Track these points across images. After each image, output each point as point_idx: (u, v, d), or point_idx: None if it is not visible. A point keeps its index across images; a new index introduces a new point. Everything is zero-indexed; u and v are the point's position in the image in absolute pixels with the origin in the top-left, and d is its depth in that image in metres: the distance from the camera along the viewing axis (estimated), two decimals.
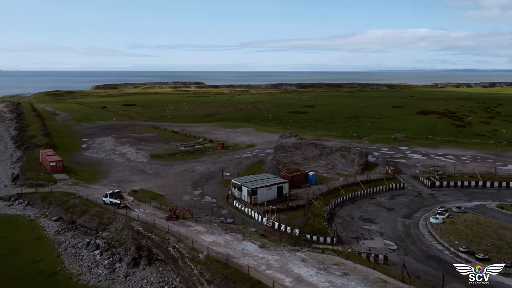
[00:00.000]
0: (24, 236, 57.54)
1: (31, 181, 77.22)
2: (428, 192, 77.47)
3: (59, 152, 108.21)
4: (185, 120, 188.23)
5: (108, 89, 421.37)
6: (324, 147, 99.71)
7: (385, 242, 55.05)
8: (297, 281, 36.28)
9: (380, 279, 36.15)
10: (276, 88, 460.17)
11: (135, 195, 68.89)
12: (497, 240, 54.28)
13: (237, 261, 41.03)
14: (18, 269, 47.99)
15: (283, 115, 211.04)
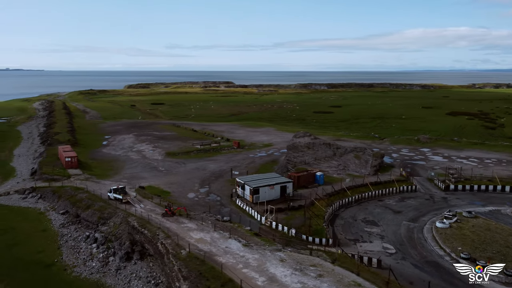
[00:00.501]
0: (31, 228, 59.80)
1: (46, 175, 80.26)
2: (441, 195, 74.52)
3: (80, 149, 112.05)
4: (208, 119, 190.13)
5: (140, 88, 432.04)
6: (338, 147, 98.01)
7: (383, 246, 53.37)
8: (269, 280, 35.76)
9: (354, 283, 34.97)
10: (306, 88, 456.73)
11: (141, 191, 70.11)
12: (504, 248, 51.43)
13: (217, 258, 40.97)
14: (18, 259, 49.91)
15: (307, 115, 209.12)
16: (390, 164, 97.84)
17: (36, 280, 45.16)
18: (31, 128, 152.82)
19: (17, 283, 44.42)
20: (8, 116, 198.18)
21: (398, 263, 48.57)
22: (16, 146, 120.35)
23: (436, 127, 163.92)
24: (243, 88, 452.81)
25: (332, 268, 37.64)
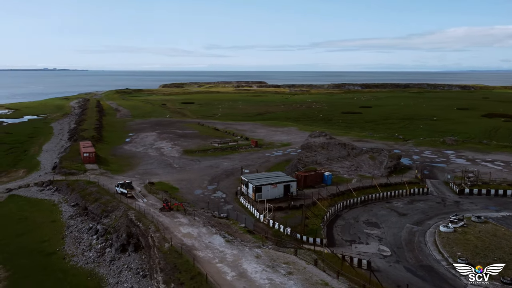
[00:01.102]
0: (42, 218, 62.95)
1: (65, 169, 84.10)
2: (454, 199, 71.73)
3: (103, 145, 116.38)
4: (234, 118, 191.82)
5: (174, 88, 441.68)
6: (353, 147, 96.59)
7: (380, 248, 52.15)
8: (239, 276, 35.92)
9: (322, 281, 34.42)
10: (339, 88, 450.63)
11: (150, 187, 72.03)
12: (508, 255, 48.98)
13: (196, 252, 41.59)
14: (23, 247, 52.76)
15: (334, 115, 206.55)
16: (408, 166, 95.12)
17: (34, 267, 47.58)
18: (63, 125, 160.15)
19: (16, 269, 46.94)
20: (46, 113, 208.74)
21: (391, 266, 47.37)
22: (46, 142, 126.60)
23: (467, 129, 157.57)
24: (275, 88, 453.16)
25: (305, 266, 37.26)
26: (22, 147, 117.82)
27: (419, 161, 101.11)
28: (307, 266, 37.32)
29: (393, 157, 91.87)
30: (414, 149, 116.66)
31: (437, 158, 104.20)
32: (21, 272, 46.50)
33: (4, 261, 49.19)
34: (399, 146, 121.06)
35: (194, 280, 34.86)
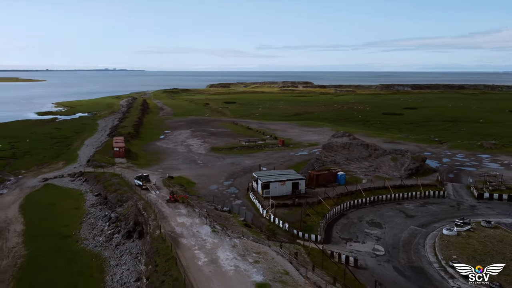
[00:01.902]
0: (68, 205, 68.92)
1: (95, 162, 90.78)
2: (471, 203, 69.37)
3: (138, 141, 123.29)
4: (270, 118, 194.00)
5: (220, 88, 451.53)
6: (376, 148, 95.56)
7: (374, 247, 52.23)
8: (209, 261, 38.16)
9: (284, 271, 35.65)
10: (387, 89, 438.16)
11: (166, 180, 76.18)
12: (508, 260, 47.25)
13: (180, 239, 44.40)
14: (45, 230, 58.42)
15: (374, 116, 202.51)
16: (433, 168, 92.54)
17: (50, 247, 52.79)
18: (107, 122, 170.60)
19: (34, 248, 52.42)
20: (96, 111, 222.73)
21: (380, 265, 47.52)
22: (89, 137, 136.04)
23: None
24: (321, 88, 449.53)
25: (273, 257, 38.73)
26: (66, 142, 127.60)
27: (448, 164, 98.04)
28: (276, 257, 38.86)
29: (416, 159, 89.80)
30: (447, 152, 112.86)
31: (469, 162, 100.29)
32: (38, 251, 51.80)
33: (26, 241, 54.99)
34: (432, 148, 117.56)
35: (167, 262, 37.71)
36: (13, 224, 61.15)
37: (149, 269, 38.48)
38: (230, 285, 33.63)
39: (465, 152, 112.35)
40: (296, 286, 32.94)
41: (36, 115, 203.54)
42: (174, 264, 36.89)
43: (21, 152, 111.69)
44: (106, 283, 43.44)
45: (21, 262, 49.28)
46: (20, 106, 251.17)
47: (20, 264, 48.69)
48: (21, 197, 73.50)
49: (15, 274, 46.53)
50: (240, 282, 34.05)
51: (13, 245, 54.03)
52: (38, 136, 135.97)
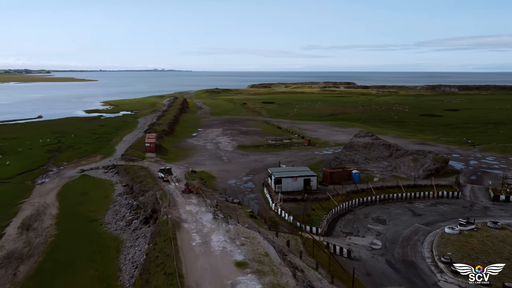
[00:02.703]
0: (98, 194, 75.81)
1: (128, 156, 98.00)
2: (485, 205, 68.95)
3: (171, 138, 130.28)
4: (304, 118, 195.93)
5: (261, 88, 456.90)
6: (397, 149, 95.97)
7: (373, 241, 54.15)
8: (202, 242, 42.19)
9: (265, 253, 38.85)
10: (433, 89, 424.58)
11: (188, 174, 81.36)
12: (504, 259, 47.71)
13: (183, 224, 48.81)
14: (76, 214, 65.17)
15: (410, 118, 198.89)
16: (457, 170, 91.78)
17: (77, 229, 59.21)
18: (147, 120, 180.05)
19: (63, 229, 59.07)
20: (138, 109, 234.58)
21: (373, 257, 49.58)
22: (128, 133, 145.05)
23: None
24: (363, 89, 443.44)
25: (259, 241, 42.04)
26: (107, 138, 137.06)
27: (474, 166, 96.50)
28: (262, 241, 42.15)
29: (438, 160, 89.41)
30: (477, 154, 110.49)
31: (497, 165, 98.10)
32: (67, 232, 58.35)
33: (58, 223, 61.87)
34: (462, 150, 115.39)
35: (165, 242, 42.20)
36: (50, 208, 68.53)
37: (150, 247, 43.31)
38: (213, 263, 37.59)
39: (497, 155, 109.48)
40: (271, 266, 36.30)
41: (84, 113, 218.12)
42: (169, 243, 41.39)
43: (65, 146, 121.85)
44: (119, 261, 48.74)
45: (51, 240, 55.91)
46: (71, 104, 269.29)
47: (50, 242, 55.28)
48: (60, 185, 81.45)
49: (45, 250, 53.07)
50: (223, 260, 37.92)
51: (47, 226, 61.00)
52: (83, 132, 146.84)
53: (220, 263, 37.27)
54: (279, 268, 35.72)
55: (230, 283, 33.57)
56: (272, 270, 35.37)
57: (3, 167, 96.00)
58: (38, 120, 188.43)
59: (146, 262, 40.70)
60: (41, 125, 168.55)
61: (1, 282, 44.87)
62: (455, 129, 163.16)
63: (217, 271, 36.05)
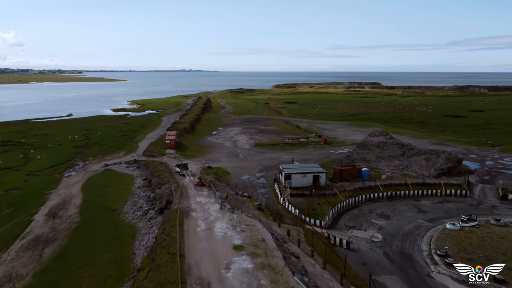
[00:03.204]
0: (119, 187, 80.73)
1: (149, 152, 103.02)
2: (493, 204, 69.63)
3: (192, 135, 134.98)
4: (325, 117, 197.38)
5: (285, 88, 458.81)
6: (411, 148, 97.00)
7: (374, 235, 56.29)
8: (206, 229, 45.70)
9: (261, 239, 41.84)
10: (461, 90, 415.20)
11: (203, 170, 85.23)
12: (498, 254, 49.09)
13: (191, 212, 52.49)
14: (97, 204, 70.10)
15: (433, 118, 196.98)
16: (470, 170, 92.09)
17: (98, 217, 63.99)
18: (170, 119, 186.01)
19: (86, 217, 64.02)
20: (163, 108, 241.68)
21: (371, 249, 51.82)
22: (152, 131, 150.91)
23: None
24: (389, 89, 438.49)
25: (258, 229, 45.07)
26: (132, 135, 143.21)
27: (489, 167, 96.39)
28: (261, 229, 45.22)
29: (450, 159, 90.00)
30: (495, 155, 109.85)
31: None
32: (89, 219, 63.21)
33: (81, 212, 66.87)
34: (480, 151, 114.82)
35: (172, 227, 45.93)
36: (74, 198, 73.82)
37: (159, 232, 47.13)
38: (214, 246, 40.99)
39: None
40: (265, 249, 39.36)
41: (111, 111, 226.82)
42: (176, 228, 45.08)
43: (92, 142, 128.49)
44: (134, 246, 52.88)
45: (74, 226, 60.81)
46: (100, 103, 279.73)
47: (73, 228, 60.18)
48: (85, 178, 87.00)
49: (68, 234, 57.94)
50: (223, 244, 41.27)
51: (71, 214, 66.10)
52: (109, 130, 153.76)
53: (220, 246, 40.70)
54: (272, 251, 38.76)
55: (226, 263, 36.91)
56: (265, 253, 38.47)
57: (34, 161, 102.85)
58: (68, 118, 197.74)
59: (154, 244, 44.58)
60: (71, 122, 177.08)
61: (28, 262, 49.79)
62: (477, 130, 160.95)
63: (216, 252, 39.48)
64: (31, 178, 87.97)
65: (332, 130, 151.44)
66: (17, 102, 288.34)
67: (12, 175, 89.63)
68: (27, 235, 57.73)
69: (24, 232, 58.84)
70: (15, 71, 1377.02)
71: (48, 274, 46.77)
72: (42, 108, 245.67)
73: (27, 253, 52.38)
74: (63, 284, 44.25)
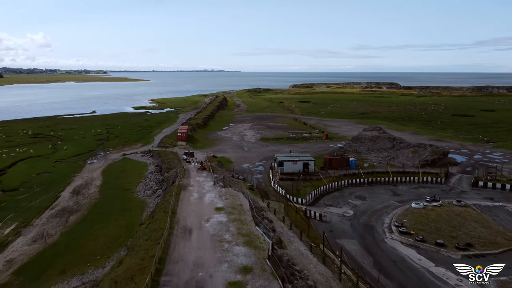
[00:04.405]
0: (134, 171, 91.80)
1: (162, 144, 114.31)
2: (464, 189, 77.29)
3: (204, 130, 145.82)
4: (334, 116, 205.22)
5: (302, 88, 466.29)
6: (401, 141, 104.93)
7: (346, 210, 65.20)
8: (197, 198, 55.94)
9: (240, 204, 51.56)
10: (479, 90, 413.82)
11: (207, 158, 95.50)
12: (449, 227, 57.16)
13: (189, 187, 62.91)
14: (115, 185, 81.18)
15: (440, 118, 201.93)
16: (457, 162, 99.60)
17: (114, 194, 75.02)
18: (187, 115, 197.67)
19: (105, 194, 75.22)
20: (181, 106, 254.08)
21: (340, 221, 60.83)
22: (168, 127, 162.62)
23: None
24: (406, 89, 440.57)
25: (240, 198, 54.82)
26: (149, 130, 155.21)
27: (478, 160, 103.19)
28: (242, 198, 55.04)
29: (436, 152, 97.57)
30: (486, 150, 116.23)
31: (500, 159, 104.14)
32: (106, 196, 74.29)
33: (101, 190, 78.09)
34: (473, 146, 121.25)
35: (171, 196, 56.15)
36: (95, 180, 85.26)
37: (160, 200, 57.49)
38: (200, 208, 51.06)
39: (507, 151, 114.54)
40: (240, 210, 49.14)
41: (132, 109, 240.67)
42: (172, 196, 55.32)
43: (113, 136, 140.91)
44: (142, 215, 63.49)
45: (94, 201, 71.98)
46: (122, 102, 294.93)
47: (93, 202, 71.32)
48: (105, 165, 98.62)
49: (89, 207, 69.07)
50: (208, 207, 51.35)
51: (92, 192, 77.40)
52: (129, 125, 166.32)
53: (205, 208, 50.72)
54: (245, 212, 48.42)
55: (207, 218, 46.90)
56: (239, 212, 48.22)
57: (62, 150, 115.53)
58: (92, 114, 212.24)
59: (155, 208, 54.95)
60: (94, 118, 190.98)
61: (56, 225, 60.96)
62: (480, 128, 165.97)
63: (201, 212, 49.53)
64: (58, 164, 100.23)
65: (338, 127, 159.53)
66: (46, 100, 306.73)
67: (42, 162, 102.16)
68: (56, 207, 69.17)
69: (53, 205, 70.32)
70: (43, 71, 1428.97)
71: (72, 234, 57.78)
72: (68, 106, 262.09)
73: (56, 219, 63.68)
74: (84, 240, 55.09)
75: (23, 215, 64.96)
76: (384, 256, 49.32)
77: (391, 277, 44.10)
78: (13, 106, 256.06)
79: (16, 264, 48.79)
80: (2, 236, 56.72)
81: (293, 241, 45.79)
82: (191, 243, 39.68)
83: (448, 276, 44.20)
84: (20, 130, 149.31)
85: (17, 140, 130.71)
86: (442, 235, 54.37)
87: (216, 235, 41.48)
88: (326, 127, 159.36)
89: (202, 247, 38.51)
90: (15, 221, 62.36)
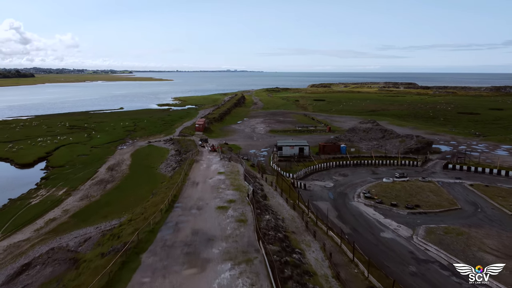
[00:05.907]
0: (158, 155, 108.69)
1: (182, 133, 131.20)
2: (435, 171, 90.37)
3: (219, 124, 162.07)
4: (343, 113, 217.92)
5: (320, 88, 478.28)
6: (391, 133, 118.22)
7: (328, 183, 79.73)
8: (206, 167, 71.64)
9: (237, 171, 67.06)
10: (497, 90, 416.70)
11: (222, 144, 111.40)
12: (407, 195, 70.76)
13: (200, 161, 78.85)
14: (141, 164, 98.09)
15: (445, 115, 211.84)
16: (440, 151, 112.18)
17: (142, 170, 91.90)
18: (206, 111, 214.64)
19: (135, 170, 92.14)
20: (202, 104, 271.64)
21: (321, 190, 75.46)
22: (188, 121, 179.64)
23: None
24: (423, 89, 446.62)
25: (238, 167, 70.30)
26: (171, 123, 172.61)
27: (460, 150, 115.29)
28: (240, 167, 70.58)
29: (421, 142, 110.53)
30: (473, 142, 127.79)
31: (480, 150, 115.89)
32: (135, 172, 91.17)
33: (130, 168, 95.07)
34: (462, 139, 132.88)
35: (185, 165, 72.31)
36: (126, 161, 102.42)
37: (176, 169, 73.81)
38: (207, 172, 66.94)
39: (492, 143, 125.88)
40: (236, 174, 64.64)
41: (156, 106, 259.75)
42: (187, 165, 71.40)
43: (139, 128, 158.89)
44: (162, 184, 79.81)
45: (125, 175, 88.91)
46: (147, 99, 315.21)
47: (124, 176, 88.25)
48: (133, 150, 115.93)
49: (121, 179, 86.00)
50: (212, 172, 67.21)
51: (123, 169, 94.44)
52: (153, 119, 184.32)
53: (210, 172, 66.66)
54: (240, 175, 64.04)
55: (210, 177, 62.74)
56: (235, 174, 63.85)
57: (96, 139, 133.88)
58: (119, 110, 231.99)
59: (173, 174, 71.22)
60: (122, 114, 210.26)
61: (97, 190, 77.93)
62: (479, 124, 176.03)
63: (207, 174, 65.46)
64: (94, 149, 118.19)
65: (343, 122, 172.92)
66: (76, 98, 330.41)
67: (81, 147, 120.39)
68: (95, 178, 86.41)
69: (93, 177, 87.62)
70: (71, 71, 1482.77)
71: (110, 195, 74.60)
72: (98, 103, 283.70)
73: (96, 186, 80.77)
74: (119, 199, 71.75)
75: (70, 183, 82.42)
76: (347, 212, 63.85)
77: (347, 223, 58.71)
78: (48, 103, 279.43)
79: (71, 212, 65.82)
80: (57, 196, 74.10)
81: (275, 196, 60.97)
82: (197, 189, 55.63)
83: (391, 224, 58.41)
84: (59, 122, 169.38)
85: (57, 130, 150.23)
86: (398, 200, 68.29)
87: (215, 186, 57.27)
88: (332, 122, 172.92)
89: (204, 191, 54.39)
90: (65, 187, 79.80)
